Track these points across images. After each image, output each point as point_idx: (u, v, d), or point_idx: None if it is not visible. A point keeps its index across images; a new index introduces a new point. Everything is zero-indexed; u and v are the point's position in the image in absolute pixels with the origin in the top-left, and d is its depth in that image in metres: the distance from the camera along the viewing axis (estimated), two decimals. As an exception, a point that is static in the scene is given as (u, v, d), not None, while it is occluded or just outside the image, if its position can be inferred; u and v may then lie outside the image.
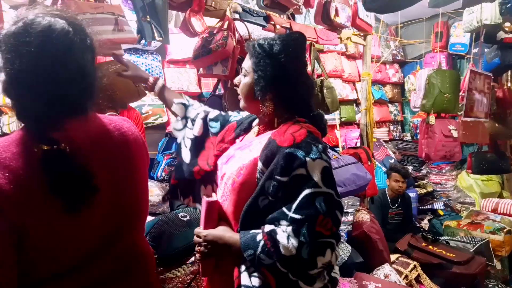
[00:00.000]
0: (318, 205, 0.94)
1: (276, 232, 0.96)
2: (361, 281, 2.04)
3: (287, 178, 0.97)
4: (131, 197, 0.97)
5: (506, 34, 3.04)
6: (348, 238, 2.58)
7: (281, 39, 1.10)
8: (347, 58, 4.68)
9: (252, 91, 1.13)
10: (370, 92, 3.14)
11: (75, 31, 0.83)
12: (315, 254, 0.94)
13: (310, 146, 0.99)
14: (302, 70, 1.14)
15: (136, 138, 1.01)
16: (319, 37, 2.77)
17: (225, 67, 2.09)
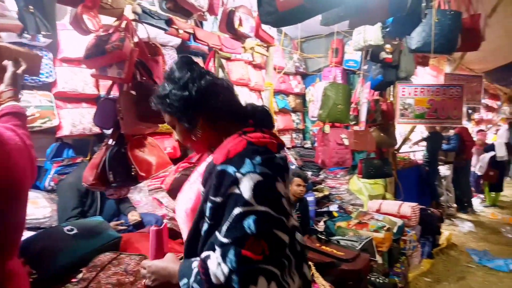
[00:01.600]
0: (246, 226, 0.85)
1: (208, 257, 0.88)
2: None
3: (221, 199, 0.90)
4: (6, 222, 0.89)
5: (387, 55, 3.45)
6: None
7: (169, 74, 1.09)
8: (253, 67, 4.83)
9: (187, 132, 1.09)
10: (272, 101, 3.27)
11: None
12: (247, 283, 0.82)
13: (243, 160, 0.91)
14: (207, 79, 1.08)
15: (20, 148, 0.93)
16: (223, 45, 2.80)
17: (121, 69, 1.97)
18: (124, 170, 2.06)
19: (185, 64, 1.10)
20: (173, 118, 1.10)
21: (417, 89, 3.60)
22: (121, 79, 1.96)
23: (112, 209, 2.84)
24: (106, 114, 2.08)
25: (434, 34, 2.92)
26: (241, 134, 1.01)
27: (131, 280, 1.67)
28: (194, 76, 1.06)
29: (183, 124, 1.08)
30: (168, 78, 1.09)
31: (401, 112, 3.64)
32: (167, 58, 3.78)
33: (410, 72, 3.87)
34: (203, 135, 1.08)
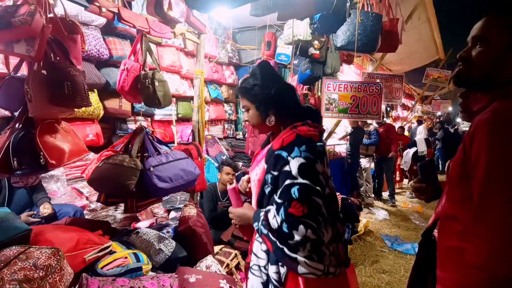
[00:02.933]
0: (292, 192, 1.26)
1: (269, 210, 1.33)
2: (182, 275, 2.06)
3: (277, 173, 1.33)
4: None
5: (315, 50, 3.59)
6: (175, 233, 2.58)
7: (253, 73, 1.51)
8: (185, 54, 4.71)
9: (259, 117, 1.49)
10: (203, 90, 3.23)
11: None
12: (291, 229, 1.23)
13: (293, 147, 1.32)
14: (282, 82, 1.50)
15: None
16: (151, 28, 2.67)
17: (30, 46, 1.78)
18: (30, 157, 1.89)
19: (264, 68, 1.50)
20: (252, 104, 1.50)
21: (341, 85, 3.81)
22: (31, 57, 1.77)
23: (23, 200, 2.60)
24: (12, 95, 1.88)
25: (358, 34, 3.10)
26: (292, 127, 1.40)
27: (41, 275, 1.53)
28: (273, 79, 1.48)
29: (259, 112, 1.48)
30: (253, 75, 1.49)
31: (326, 107, 3.82)
32: (91, 39, 3.53)
33: (336, 68, 4.08)
34: (267, 122, 1.49)
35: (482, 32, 1.14)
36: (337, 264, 1.35)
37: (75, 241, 1.92)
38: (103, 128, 3.74)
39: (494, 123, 0.99)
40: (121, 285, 1.76)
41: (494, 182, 0.97)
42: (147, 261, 2.08)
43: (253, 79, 1.49)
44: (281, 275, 1.35)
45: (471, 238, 1.00)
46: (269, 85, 1.46)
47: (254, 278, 1.41)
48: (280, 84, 1.48)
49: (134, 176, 2.26)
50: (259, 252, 1.41)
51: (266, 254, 1.39)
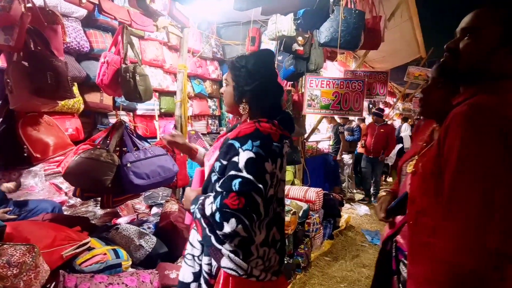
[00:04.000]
0: (233, 184, 1.23)
1: (209, 196, 1.32)
2: (163, 271, 2.04)
3: (226, 162, 1.31)
4: None
5: (299, 47, 3.60)
6: (156, 229, 2.56)
7: (253, 56, 1.44)
8: (169, 49, 4.64)
9: (232, 97, 1.47)
10: (186, 85, 3.20)
11: None
12: (223, 220, 1.22)
13: (247, 140, 1.28)
14: (271, 80, 1.45)
15: None
16: (132, 21, 2.62)
17: (9, 35, 1.72)
18: (13, 151, 1.84)
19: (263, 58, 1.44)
20: (232, 82, 1.46)
21: (324, 81, 3.83)
22: (10, 46, 1.72)
23: (-3, 196, 2.52)
24: None
25: (341, 31, 3.12)
26: (255, 121, 1.36)
27: (14, 272, 1.50)
28: (263, 73, 1.42)
29: (234, 93, 1.45)
30: (250, 58, 1.43)
31: (308, 103, 3.84)
32: (71, 31, 3.44)
33: (319, 65, 4.09)
34: (240, 109, 1.45)
35: (473, 23, 1.10)
36: (264, 269, 1.34)
37: (52, 237, 1.88)
38: (84, 122, 3.66)
39: (470, 116, 0.98)
40: (99, 281, 1.74)
41: (463, 176, 0.96)
42: (127, 257, 2.05)
43: (246, 61, 1.42)
44: (212, 267, 1.35)
45: (440, 233, 1.01)
46: (255, 76, 1.40)
47: (186, 267, 1.43)
48: (266, 82, 1.42)
49: (111, 171, 2.22)
50: (194, 241, 1.42)
51: (201, 245, 1.39)
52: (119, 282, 1.78)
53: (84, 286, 1.67)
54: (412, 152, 1.51)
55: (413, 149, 1.53)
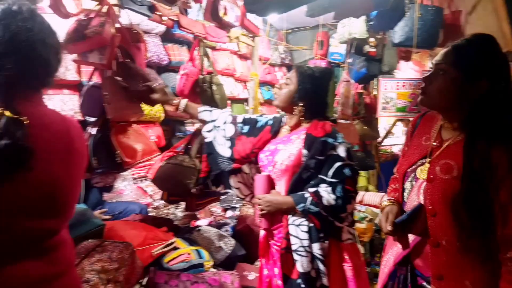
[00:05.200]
0: (346, 172, 1.48)
1: (319, 191, 1.48)
2: (242, 272, 2.12)
3: (323, 157, 1.50)
4: (61, 187, 0.97)
5: (370, 48, 3.50)
6: (233, 232, 2.66)
7: (319, 70, 1.66)
8: (239, 57, 4.81)
9: (291, 97, 1.64)
10: (257, 92, 3.29)
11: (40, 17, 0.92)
12: (346, 203, 1.47)
13: (335, 135, 1.53)
14: (326, 91, 1.66)
15: (80, 135, 1.06)
16: (208, 34, 2.78)
17: (102, 55, 1.93)
18: (108, 156, 2.05)
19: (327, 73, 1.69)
20: (295, 86, 1.64)
21: (399, 83, 3.66)
22: (103, 65, 1.93)
23: (96, 198, 2.81)
24: (93, 102, 2.04)
25: (417, 29, 2.97)
26: (321, 119, 1.59)
27: (115, 267, 1.66)
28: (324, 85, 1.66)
29: (294, 95, 1.64)
30: (313, 70, 1.65)
31: (383, 106, 3.69)
32: (151, 46, 3.74)
33: (393, 66, 3.94)
34: (294, 110, 1.64)
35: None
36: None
37: (143, 236, 2.05)
38: (164, 130, 3.95)
39: None
40: (185, 279, 1.86)
41: None
42: (209, 258, 2.16)
43: (313, 70, 1.65)
44: (325, 250, 1.52)
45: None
46: (317, 86, 1.64)
47: (303, 258, 1.53)
48: (325, 92, 1.67)
49: (193, 175, 2.36)
50: (300, 234, 1.53)
51: (308, 234, 1.52)
52: (203, 281, 1.88)
53: (172, 283, 1.80)
54: (417, 154, 1.29)
55: (415, 150, 1.31)
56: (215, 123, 1.85)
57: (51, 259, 0.94)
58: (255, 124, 1.81)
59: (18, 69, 0.87)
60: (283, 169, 1.58)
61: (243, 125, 1.82)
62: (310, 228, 1.52)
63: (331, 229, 1.52)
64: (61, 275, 0.96)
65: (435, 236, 1.15)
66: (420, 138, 1.32)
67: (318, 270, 1.53)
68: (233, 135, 1.80)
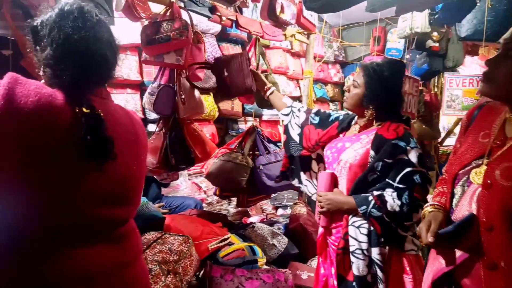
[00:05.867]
0: (415, 179, 1.39)
1: (384, 195, 1.41)
2: (295, 271, 2.11)
3: (392, 160, 1.41)
4: (131, 178, 1.03)
5: (433, 43, 3.30)
6: (285, 230, 2.66)
7: (388, 66, 1.53)
8: (292, 55, 4.78)
9: (360, 100, 1.55)
10: (312, 90, 3.24)
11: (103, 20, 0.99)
12: (412, 212, 1.38)
13: (408, 139, 1.42)
14: (400, 89, 1.56)
15: (143, 128, 1.13)
16: (264, 32, 2.79)
17: (179, 56, 2.02)
18: (183, 153, 2.18)
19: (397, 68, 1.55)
20: (364, 87, 1.54)
21: (466, 79, 3.42)
22: (180, 65, 2.02)
23: (154, 192, 2.96)
24: (166, 101, 2.13)
25: (487, 21, 2.75)
26: (395, 121, 1.49)
27: (175, 259, 1.74)
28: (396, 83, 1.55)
29: (364, 98, 1.54)
30: (381, 68, 1.52)
31: (448, 104, 3.47)
32: (208, 46, 3.83)
33: (458, 61, 3.69)
34: (366, 113, 1.55)
35: None
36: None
37: (200, 231, 2.12)
38: (217, 128, 4.04)
39: None
40: (240, 274, 1.89)
41: None
42: (262, 255, 2.19)
43: (381, 69, 1.52)
44: (384, 256, 1.45)
45: None
46: (388, 85, 1.52)
47: (360, 261, 1.49)
48: (397, 91, 1.56)
49: (245, 173, 2.40)
50: (359, 236, 1.48)
51: (367, 237, 1.46)
52: (257, 278, 1.90)
53: (228, 277, 1.84)
54: (471, 153, 1.08)
55: (470, 148, 1.09)
56: (292, 107, 1.90)
57: (123, 247, 1.00)
58: (327, 117, 1.80)
59: (80, 67, 0.91)
60: (347, 168, 1.53)
61: (314, 116, 1.83)
62: (370, 231, 1.46)
63: (393, 236, 1.44)
64: (131, 263, 1.02)
65: (491, 255, 0.94)
66: (476, 133, 1.11)
67: (375, 276, 1.47)
68: (303, 123, 1.82)
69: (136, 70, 3.21)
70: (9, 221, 0.84)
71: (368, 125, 1.59)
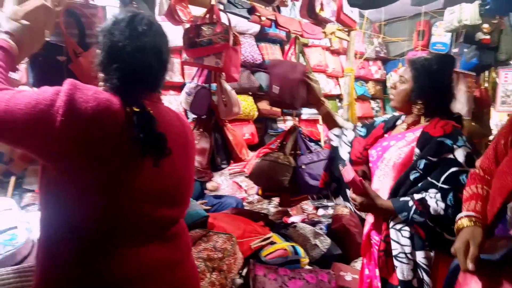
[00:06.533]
0: (461, 180, 1.27)
1: (425, 199, 1.30)
2: (338, 272, 2.08)
3: (436, 159, 1.31)
4: (182, 178, 1.07)
5: (484, 35, 3.12)
6: (328, 231, 2.62)
7: (437, 60, 1.45)
8: (331, 53, 4.72)
9: (408, 96, 1.47)
10: (353, 88, 3.18)
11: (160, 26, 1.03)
12: (456, 214, 1.18)
13: (456, 137, 1.31)
14: (449, 84, 1.47)
15: (192, 132, 1.16)
16: (304, 31, 2.77)
17: (218, 59, 2.07)
18: (226, 153, 2.24)
19: (446, 63, 1.48)
20: (411, 82, 1.45)
21: (522, 73, 3.20)
22: (219, 68, 2.07)
23: (197, 190, 3.03)
24: (203, 102, 2.19)
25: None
26: (444, 118, 1.40)
27: (219, 256, 1.77)
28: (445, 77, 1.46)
29: (412, 94, 1.45)
30: (429, 62, 1.45)
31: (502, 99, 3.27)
32: (246, 46, 3.87)
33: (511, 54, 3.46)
34: (414, 109, 1.47)
35: None
36: None
37: (243, 229, 2.14)
38: (257, 127, 4.07)
39: None
40: (283, 274, 1.89)
41: None
42: (304, 255, 2.17)
43: (429, 63, 1.45)
44: (431, 260, 1.36)
45: None
46: (438, 80, 1.43)
47: (404, 265, 1.41)
48: (447, 86, 1.47)
49: (288, 172, 2.39)
50: (401, 239, 1.40)
51: (410, 241, 1.38)
52: (300, 278, 1.89)
53: (271, 276, 1.85)
54: None
55: None
56: (343, 128, 1.78)
57: (174, 245, 1.03)
58: (372, 124, 1.74)
59: (123, 74, 0.94)
60: (391, 166, 1.46)
61: (360, 128, 1.77)
62: (413, 234, 1.37)
63: (439, 241, 1.33)
64: (182, 261, 1.05)
65: None
66: None
67: (421, 281, 1.38)
68: (352, 139, 1.75)
69: (178, 72, 3.30)
70: (69, 221, 0.89)
71: (415, 122, 1.52)
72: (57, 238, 0.90)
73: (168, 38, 1.06)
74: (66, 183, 0.88)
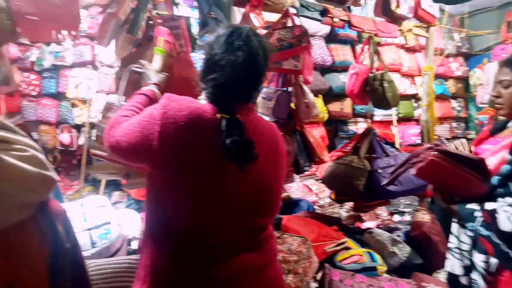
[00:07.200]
0: None
1: (496, 211, 1.15)
2: (420, 282, 1.96)
3: None
4: (271, 186, 1.08)
5: None
6: (407, 238, 2.49)
7: None
8: (406, 51, 4.49)
9: None
10: (432, 87, 2.99)
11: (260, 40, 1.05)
12: None
13: None
14: None
15: (283, 141, 1.17)
16: (378, 30, 2.68)
17: (297, 62, 2.09)
18: (308, 156, 2.27)
19: None
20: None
21: None
22: (298, 71, 2.09)
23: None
24: (284, 106, 2.20)
25: None
26: None
27: (295, 259, 1.78)
28: None
29: None
30: None
31: None
32: (316, 48, 3.85)
33: None
34: None
35: None
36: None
37: (316, 233, 2.12)
38: (327, 130, 4.01)
39: None
40: (360, 281, 1.84)
41: None
42: (382, 262, 2.09)
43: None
44: (490, 265, 1.26)
45: None
46: None
47: (455, 260, 1.37)
48: None
49: (362, 176, 2.32)
50: (461, 235, 1.35)
51: (471, 240, 1.32)
52: (379, 286, 1.82)
53: (347, 282, 1.81)
54: None
55: None
56: None
57: (263, 251, 1.06)
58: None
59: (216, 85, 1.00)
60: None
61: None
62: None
63: (506, 260, 1.17)
64: (269, 265, 1.08)
65: None
66: None
67: (471, 281, 1.31)
68: None
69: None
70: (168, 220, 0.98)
71: None
72: (159, 234, 0.99)
73: (269, 49, 1.08)
74: (161, 189, 0.98)
